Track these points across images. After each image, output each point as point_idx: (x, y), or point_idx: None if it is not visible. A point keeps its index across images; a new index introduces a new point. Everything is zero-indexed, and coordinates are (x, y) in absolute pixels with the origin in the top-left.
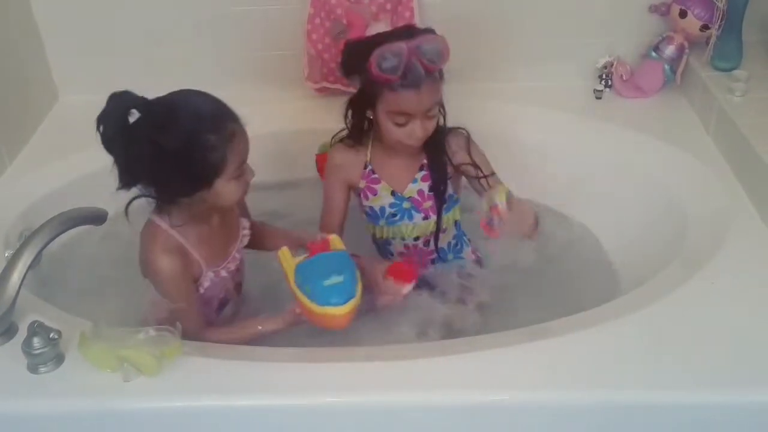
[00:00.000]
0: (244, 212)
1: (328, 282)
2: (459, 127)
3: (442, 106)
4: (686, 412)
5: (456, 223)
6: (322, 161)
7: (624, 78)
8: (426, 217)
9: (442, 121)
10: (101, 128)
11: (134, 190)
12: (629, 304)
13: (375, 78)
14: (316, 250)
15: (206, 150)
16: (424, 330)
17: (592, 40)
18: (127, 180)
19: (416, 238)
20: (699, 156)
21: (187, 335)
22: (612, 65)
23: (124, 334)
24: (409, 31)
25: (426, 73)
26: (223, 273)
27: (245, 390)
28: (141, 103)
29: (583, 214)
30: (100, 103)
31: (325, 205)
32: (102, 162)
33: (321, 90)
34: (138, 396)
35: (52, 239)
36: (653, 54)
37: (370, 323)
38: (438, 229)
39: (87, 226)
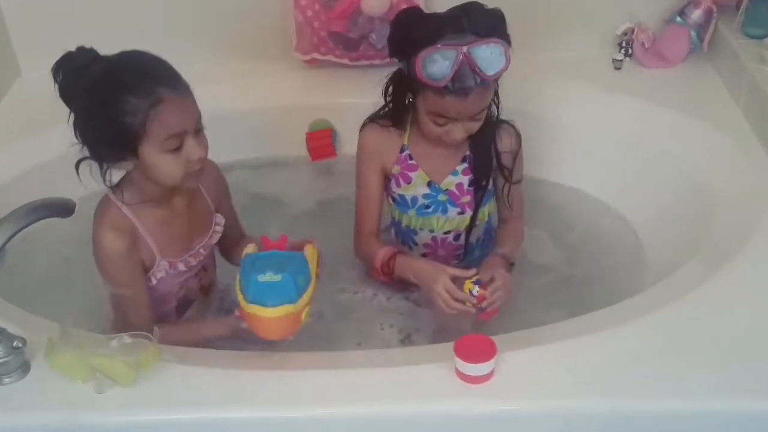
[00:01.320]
0: (234, 222)
1: (262, 278)
2: (511, 123)
3: (496, 96)
4: (710, 421)
5: (489, 216)
6: (312, 141)
7: (646, 46)
8: (462, 212)
9: (494, 111)
10: (59, 75)
11: None
12: (649, 302)
13: (419, 79)
14: (270, 246)
15: (124, 113)
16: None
17: (610, 4)
18: (76, 135)
19: (447, 232)
20: (728, 131)
21: (132, 329)
22: (633, 32)
23: (95, 340)
24: (469, 19)
25: (477, 82)
26: (181, 266)
27: (230, 401)
28: (92, 57)
29: (603, 193)
30: None
31: (359, 195)
32: (70, 143)
33: (311, 62)
34: (112, 409)
35: (14, 235)
36: (678, 19)
37: (353, 324)
38: (472, 225)
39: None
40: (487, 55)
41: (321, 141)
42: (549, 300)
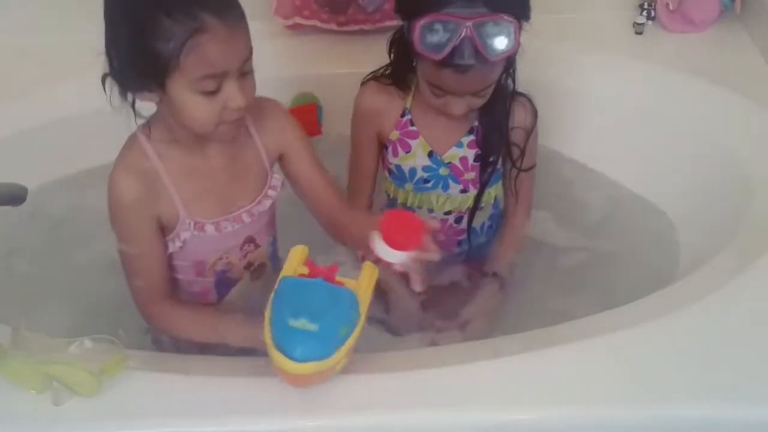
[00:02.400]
0: (322, 181)
1: (294, 323)
2: (527, 96)
3: (512, 67)
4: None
5: (496, 199)
6: (296, 117)
7: (670, 7)
8: (464, 190)
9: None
10: None
11: None
12: (678, 296)
13: (417, 52)
14: (317, 273)
15: (155, 36)
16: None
17: None
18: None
19: (447, 212)
20: (764, 103)
21: (136, 295)
22: None
23: (52, 344)
24: None
25: (480, 60)
26: (210, 230)
27: (210, 413)
28: None
29: (622, 171)
30: (22, 47)
31: (351, 161)
32: (21, 121)
33: (293, 27)
34: (72, 423)
35: None
36: None
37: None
38: (476, 207)
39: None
40: (494, 33)
41: (305, 117)
42: (567, 287)
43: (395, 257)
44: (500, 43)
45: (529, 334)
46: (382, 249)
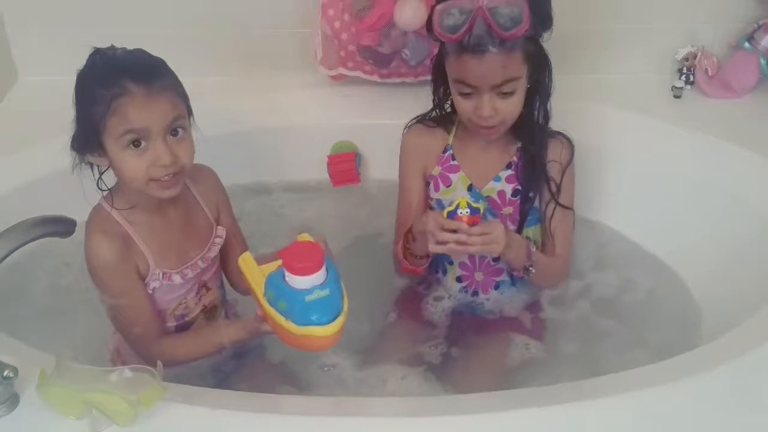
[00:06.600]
0: (235, 240)
1: (310, 297)
2: (564, 134)
3: (543, 102)
4: None
5: (534, 245)
6: (335, 164)
7: (709, 73)
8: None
9: (539, 115)
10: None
11: None
12: (704, 359)
13: (437, 36)
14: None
15: (91, 102)
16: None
17: (670, 24)
18: None
19: None
20: None
21: (138, 342)
22: (695, 57)
23: (93, 373)
24: None
25: (494, 40)
26: (176, 278)
27: None
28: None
29: (655, 238)
30: (65, 85)
31: (400, 201)
32: (69, 156)
33: (337, 78)
34: None
35: (9, 254)
36: (746, 45)
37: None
38: None
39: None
40: (505, 12)
41: (344, 165)
42: (594, 341)
43: (303, 283)
44: (512, 20)
45: (557, 387)
46: (291, 280)
